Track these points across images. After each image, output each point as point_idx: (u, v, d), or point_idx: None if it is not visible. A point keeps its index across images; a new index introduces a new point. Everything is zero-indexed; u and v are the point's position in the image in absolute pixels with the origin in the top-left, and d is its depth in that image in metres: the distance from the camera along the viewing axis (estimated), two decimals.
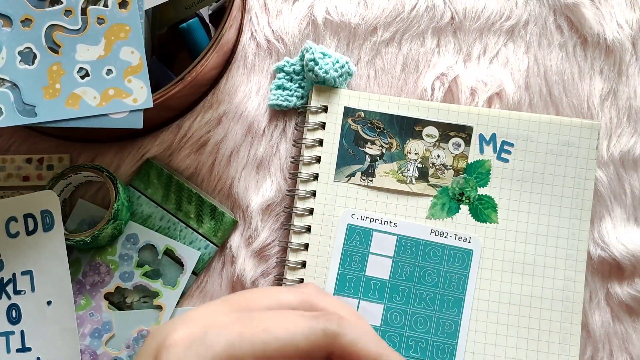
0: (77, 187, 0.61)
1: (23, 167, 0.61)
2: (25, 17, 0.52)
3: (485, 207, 0.60)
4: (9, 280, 0.57)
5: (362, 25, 0.64)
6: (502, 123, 0.61)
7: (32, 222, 0.57)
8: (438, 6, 0.65)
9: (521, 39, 0.65)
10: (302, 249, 0.59)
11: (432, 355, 0.58)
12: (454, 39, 0.65)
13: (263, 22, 0.65)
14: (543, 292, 0.59)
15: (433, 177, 0.60)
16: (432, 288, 0.59)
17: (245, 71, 0.64)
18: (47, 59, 0.52)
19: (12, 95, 0.52)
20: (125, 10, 0.53)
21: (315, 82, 0.61)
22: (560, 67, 0.64)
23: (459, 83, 0.63)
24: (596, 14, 0.65)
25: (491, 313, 0.59)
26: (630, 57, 0.65)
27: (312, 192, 0.60)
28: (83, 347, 0.58)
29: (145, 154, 0.62)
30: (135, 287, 0.59)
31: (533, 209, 0.60)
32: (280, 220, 0.62)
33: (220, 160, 0.62)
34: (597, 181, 0.62)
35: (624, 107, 0.64)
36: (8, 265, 0.57)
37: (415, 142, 0.61)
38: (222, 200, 0.62)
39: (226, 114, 0.63)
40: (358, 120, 0.61)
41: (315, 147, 0.60)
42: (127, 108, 0.53)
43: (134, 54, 0.53)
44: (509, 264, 0.59)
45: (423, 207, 0.60)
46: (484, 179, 0.61)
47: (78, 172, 0.58)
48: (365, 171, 0.60)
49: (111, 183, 0.58)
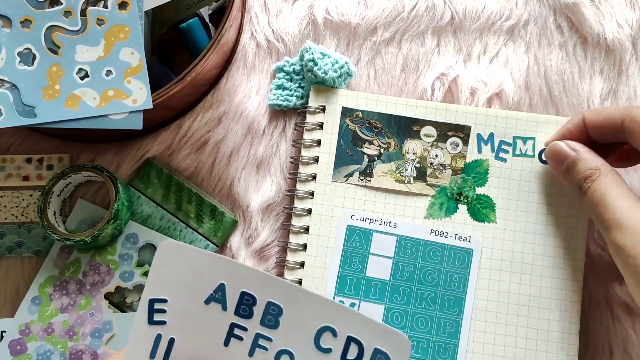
0: (77, 187, 0.62)
1: (23, 167, 0.61)
2: (25, 18, 0.53)
3: (484, 206, 0.60)
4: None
5: (362, 25, 0.64)
6: (499, 122, 0.61)
7: (354, 351, 0.45)
8: (438, 6, 0.65)
9: (521, 39, 0.65)
10: (301, 249, 0.59)
11: (433, 355, 0.58)
12: (454, 38, 0.65)
13: (263, 22, 0.65)
14: (542, 291, 0.59)
15: (431, 177, 0.60)
16: (433, 288, 0.59)
17: (245, 71, 0.64)
18: (47, 59, 0.52)
19: (12, 96, 0.52)
20: (125, 11, 0.53)
21: (315, 83, 0.61)
22: (560, 67, 0.64)
23: (459, 83, 0.63)
24: (596, 13, 0.64)
25: (490, 313, 0.59)
26: (631, 57, 0.65)
27: (310, 193, 0.60)
28: (83, 347, 0.59)
29: (145, 153, 0.62)
30: (136, 287, 0.60)
31: (531, 208, 0.60)
32: (281, 220, 0.62)
33: (220, 160, 0.62)
34: None
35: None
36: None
37: (413, 141, 0.61)
38: (222, 200, 0.62)
39: (226, 114, 0.63)
40: (356, 120, 0.61)
41: (313, 147, 0.61)
42: (127, 109, 0.53)
43: (134, 55, 0.53)
44: (507, 263, 0.59)
45: (421, 207, 0.60)
46: (482, 178, 0.61)
47: (78, 172, 0.59)
48: (363, 171, 0.60)
49: (111, 183, 0.58)
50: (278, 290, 0.45)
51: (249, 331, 0.45)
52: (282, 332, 0.45)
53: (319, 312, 0.45)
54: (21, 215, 0.60)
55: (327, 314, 0.45)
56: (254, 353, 0.45)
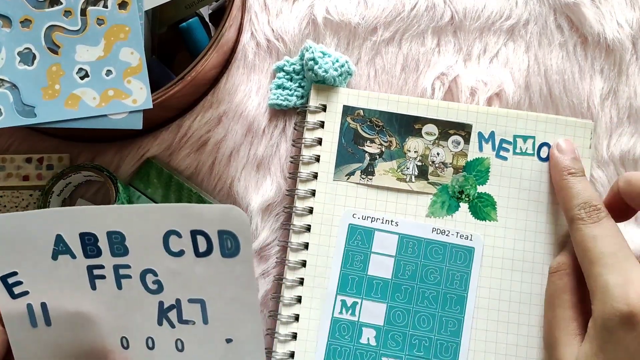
0: (77, 187, 0.61)
1: (23, 166, 0.61)
2: (25, 17, 0.52)
3: (485, 204, 0.60)
4: (171, 306, 0.48)
5: (362, 24, 0.64)
6: (500, 121, 0.61)
7: (203, 242, 0.46)
8: (438, 6, 0.65)
9: (521, 39, 0.65)
10: (302, 248, 0.59)
11: (435, 353, 0.58)
12: (454, 38, 0.65)
13: (263, 22, 0.65)
14: (543, 289, 0.59)
15: (432, 175, 0.60)
16: (435, 286, 0.59)
17: (245, 70, 0.64)
18: (47, 59, 0.52)
19: (12, 96, 0.52)
20: (125, 11, 0.53)
21: (315, 82, 0.61)
22: (560, 66, 0.64)
23: (459, 83, 0.63)
24: (596, 13, 0.64)
25: (492, 311, 0.59)
26: (631, 57, 0.65)
27: (311, 192, 0.60)
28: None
29: (145, 153, 0.62)
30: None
31: (532, 206, 0.60)
32: (280, 220, 0.62)
33: (220, 159, 0.62)
34: (597, 181, 0.62)
35: (624, 106, 0.64)
36: (168, 288, 0.47)
37: (414, 140, 0.61)
38: (222, 200, 0.62)
39: (226, 114, 0.63)
40: (357, 119, 0.61)
41: (314, 146, 0.60)
42: (127, 109, 0.53)
43: (134, 54, 0.53)
44: (508, 261, 0.59)
45: (423, 205, 0.60)
46: (483, 176, 0.61)
47: (78, 172, 0.59)
48: (365, 170, 0.60)
49: (111, 183, 0.58)
50: (110, 219, 0.45)
51: (106, 267, 0.46)
52: (134, 254, 0.46)
53: (155, 221, 0.45)
54: None
55: (162, 220, 0.45)
56: (121, 285, 0.46)
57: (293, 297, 0.58)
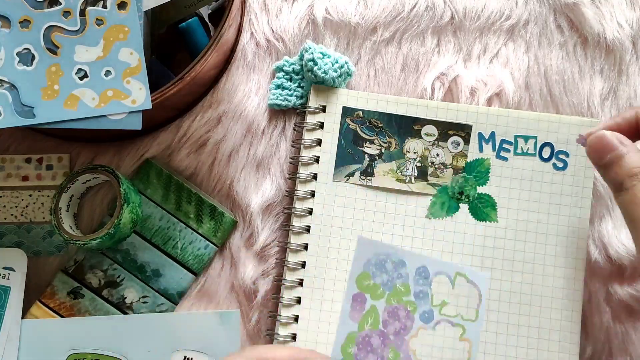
0: (81, 197, 0.61)
1: (22, 166, 0.61)
2: (24, 18, 0.52)
3: (485, 205, 0.60)
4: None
5: (361, 24, 0.64)
6: (500, 121, 0.61)
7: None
8: (438, 6, 0.65)
9: (521, 39, 0.65)
10: (302, 249, 0.59)
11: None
12: (454, 38, 0.65)
13: (263, 22, 0.65)
14: (543, 290, 0.59)
15: (432, 176, 0.60)
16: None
17: (244, 71, 0.64)
18: (46, 60, 0.52)
19: (11, 97, 0.52)
20: (124, 12, 0.53)
21: (315, 82, 0.61)
22: (560, 66, 0.64)
23: (459, 83, 0.63)
24: (596, 13, 0.64)
25: (491, 312, 0.59)
26: (631, 57, 0.64)
27: (311, 193, 0.60)
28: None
29: (144, 153, 0.62)
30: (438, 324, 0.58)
31: (532, 207, 0.60)
32: (280, 220, 0.62)
33: (220, 160, 0.62)
34: (597, 181, 0.62)
35: (625, 106, 0.64)
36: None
37: (414, 141, 0.61)
38: (221, 200, 0.62)
39: (226, 114, 0.63)
40: (357, 120, 0.61)
41: (314, 147, 0.60)
42: (126, 109, 0.53)
43: (133, 55, 0.53)
44: (509, 262, 0.59)
45: (422, 206, 0.60)
46: (483, 177, 0.60)
47: (75, 180, 0.58)
48: (364, 171, 0.60)
49: (108, 173, 0.57)
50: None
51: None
52: None
53: None
54: (20, 216, 0.60)
55: None
56: None
57: (292, 298, 0.58)
